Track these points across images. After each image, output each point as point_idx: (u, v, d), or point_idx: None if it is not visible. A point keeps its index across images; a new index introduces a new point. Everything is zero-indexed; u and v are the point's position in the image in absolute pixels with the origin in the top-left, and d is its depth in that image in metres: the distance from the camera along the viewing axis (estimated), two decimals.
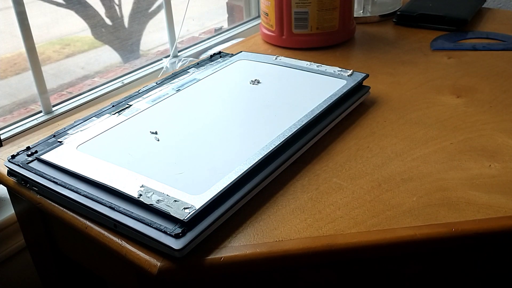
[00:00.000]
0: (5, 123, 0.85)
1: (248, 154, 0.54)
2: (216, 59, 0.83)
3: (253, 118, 0.62)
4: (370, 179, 0.54)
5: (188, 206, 0.46)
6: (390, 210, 0.49)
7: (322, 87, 0.69)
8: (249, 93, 0.69)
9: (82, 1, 1.01)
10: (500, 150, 0.58)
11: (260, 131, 0.59)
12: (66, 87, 1.02)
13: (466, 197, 0.50)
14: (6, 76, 0.92)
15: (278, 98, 0.67)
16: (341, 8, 0.90)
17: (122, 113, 0.65)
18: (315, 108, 0.63)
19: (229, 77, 0.75)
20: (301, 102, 0.65)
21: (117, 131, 0.61)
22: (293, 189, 0.53)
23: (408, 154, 0.58)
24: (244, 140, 0.57)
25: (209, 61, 0.82)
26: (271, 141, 0.56)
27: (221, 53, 0.85)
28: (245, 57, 0.82)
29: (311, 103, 0.64)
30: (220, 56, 0.84)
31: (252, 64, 0.79)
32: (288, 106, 0.64)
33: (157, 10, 1.17)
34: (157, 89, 0.72)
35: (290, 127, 0.59)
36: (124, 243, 0.46)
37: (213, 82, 0.74)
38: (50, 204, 0.53)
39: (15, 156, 0.57)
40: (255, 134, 0.58)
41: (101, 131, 0.60)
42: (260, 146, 0.55)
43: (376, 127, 0.64)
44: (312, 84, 0.70)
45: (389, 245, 0.46)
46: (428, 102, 0.70)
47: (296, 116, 0.61)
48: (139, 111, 0.65)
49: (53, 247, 0.64)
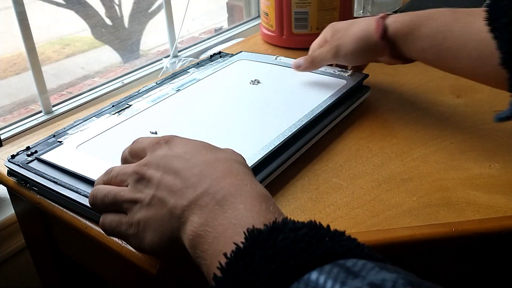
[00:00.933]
0: (5, 123, 0.85)
1: (248, 154, 0.54)
2: (216, 59, 0.83)
3: (253, 118, 0.62)
4: (370, 179, 0.54)
5: None
6: (390, 210, 0.49)
7: (322, 87, 0.69)
8: (249, 93, 0.68)
9: (82, 1, 1.01)
10: (500, 150, 0.58)
11: (260, 131, 0.59)
12: (66, 87, 1.01)
13: (466, 197, 0.50)
14: (6, 76, 0.92)
15: (278, 98, 0.67)
16: (341, 8, 0.90)
17: (122, 113, 0.65)
18: (315, 108, 0.63)
19: (229, 77, 0.75)
20: (301, 102, 0.65)
21: (117, 131, 0.61)
22: (293, 189, 0.53)
23: (408, 154, 0.58)
24: (244, 140, 0.57)
25: (209, 61, 0.82)
26: (271, 141, 0.56)
27: (221, 53, 0.85)
28: (245, 57, 0.81)
29: (311, 103, 0.64)
30: (220, 56, 0.84)
31: (252, 64, 0.79)
32: (288, 106, 0.64)
33: (157, 10, 1.17)
34: (157, 89, 0.71)
35: (290, 127, 0.58)
36: (124, 243, 0.46)
37: (213, 82, 0.73)
38: (50, 204, 0.53)
39: (15, 156, 0.57)
40: (255, 134, 0.58)
41: (101, 131, 0.60)
42: (260, 146, 0.55)
43: (376, 127, 0.64)
44: (312, 84, 0.70)
45: (389, 245, 0.46)
46: (428, 102, 0.70)
47: (296, 116, 0.61)
48: (139, 111, 0.65)
49: (53, 247, 0.64)
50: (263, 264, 0.29)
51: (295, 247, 0.29)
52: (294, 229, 0.30)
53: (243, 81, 0.72)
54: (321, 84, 0.70)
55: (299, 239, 0.29)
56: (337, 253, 0.29)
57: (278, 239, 0.30)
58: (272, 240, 0.30)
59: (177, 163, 0.38)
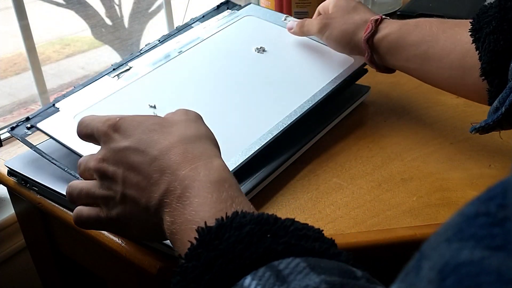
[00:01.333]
0: (5, 123, 0.85)
1: (246, 141, 0.53)
2: (223, 10, 0.77)
3: (254, 96, 0.60)
4: (370, 179, 0.54)
5: None
6: (390, 210, 0.49)
7: (329, 64, 0.66)
8: (253, 64, 0.66)
9: (82, 1, 1.01)
10: (500, 150, 0.58)
11: (260, 112, 0.57)
12: (66, 87, 1.02)
13: (466, 197, 0.50)
14: (6, 76, 0.92)
15: (282, 73, 0.64)
16: None
17: (122, 77, 0.62)
18: (318, 92, 0.61)
19: (234, 39, 0.71)
20: (306, 81, 0.63)
21: (115, 100, 0.59)
22: (293, 189, 0.53)
23: (408, 154, 0.58)
24: (244, 121, 0.56)
25: (215, 13, 0.76)
26: (269, 130, 0.54)
27: (229, 2, 0.79)
28: (253, 11, 0.76)
29: (315, 84, 0.62)
30: (227, 8, 0.78)
31: (260, 24, 0.74)
32: (291, 86, 0.62)
33: (157, 10, 1.17)
34: (159, 48, 0.68)
35: (291, 114, 0.57)
36: (124, 243, 0.46)
37: (217, 44, 0.69)
38: (50, 204, 0.53)
39: (15, 128, 0.55)
40: (255, 115, 0.57)
41: (99, 100, 0.58)
42: (259, 133, 0.53)
43: (376, 127, 0.64)
44: (320, 59, 0.67)
45: (389, 245, 0.46)
46: (428, 102, 0.70)
47: (298, 100, 0.59)
48: (139, 76, 0.63)
49: (53, 247, 0.64)
50: (206, 268, 0.29)
51: (235, 248, 0.29)
52: (240, 226, 0.30)
53: (248, 46, 0.69)
54: (329, 59, 0.67)
55: (241, 239, 0.30)
56: (275, 252, 0.29)
57: (224, 238, 0.30)
58: (218, 240, 0.30)
59: (135, 157, 0.38)
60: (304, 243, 0.30)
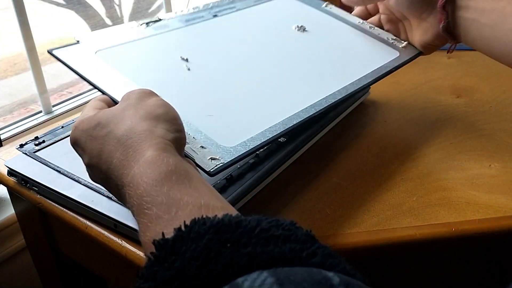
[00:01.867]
0: (5, 123, 0.85)
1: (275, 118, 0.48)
2: None
3: (290, 72, 0.56)
4: (370, 179, 0.54)
5: (215, 157, 0.41)
6: (390, 210, 0.49)
7: (372, 54, 0.61)
8: (292, 40, 0.62)
9: (82, 1, 1.01)
10: (500, 150, 0.58)
11: (294, 90, 0.53)
12: (66, 87, 1.02)
13: (466, 197, 0.50)
14: (6, 76, 0.92)
15: (322, 55, 0.60)
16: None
17: (150, 26, 0.57)
18: (361, 78, 0.56)
19: (273, 14, 0.67)
20: (347, 66, 0.59)
21: (143, 46, 0.54)
22: (293, 189, 0.53)
23: (408, 154, 0.58)
24: (277, 95, 0.52)
25: None
26: (297, 112, 0.49)
27: None
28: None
29: (357, 71, 0.57)
30: None
31: (299, 6, 0.70)
32: (332, 68, 0.58)
33: (157, 10, 1.18)
34: (191, 11, 0.63)
35: (327, 97, 0.52)
36: (124, 243, 0.46)
37: (254, 15, 0.66)
38: (50, 204, 0.53)
39: (24, 146, 0.58)
40: (288, 91, 0.53)
41: (125, 41, 0.53)
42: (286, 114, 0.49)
43: (376, 127, 0.64)
44: (362, 48, 0.63)
45: (389, 245, 0.46)
46: (428, 102, 0.70)
47: (332, 86, 0.54)
48: (170, 29, 0.58)
49: (53, 247, 0.64)
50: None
51: (191, 266, 0.26)
52: (197, 237, 0.27)
53: (288, 22, 0.65)
54: (371, 50, 0.62)
55: (197, 254, 0.26)
56: (238, 267, 0.25)
57: (180, 252, 0.27)
58: (175, 255, 0.27)
59: (96, 172, 0.39)
60: (272, 249, 0.26)
